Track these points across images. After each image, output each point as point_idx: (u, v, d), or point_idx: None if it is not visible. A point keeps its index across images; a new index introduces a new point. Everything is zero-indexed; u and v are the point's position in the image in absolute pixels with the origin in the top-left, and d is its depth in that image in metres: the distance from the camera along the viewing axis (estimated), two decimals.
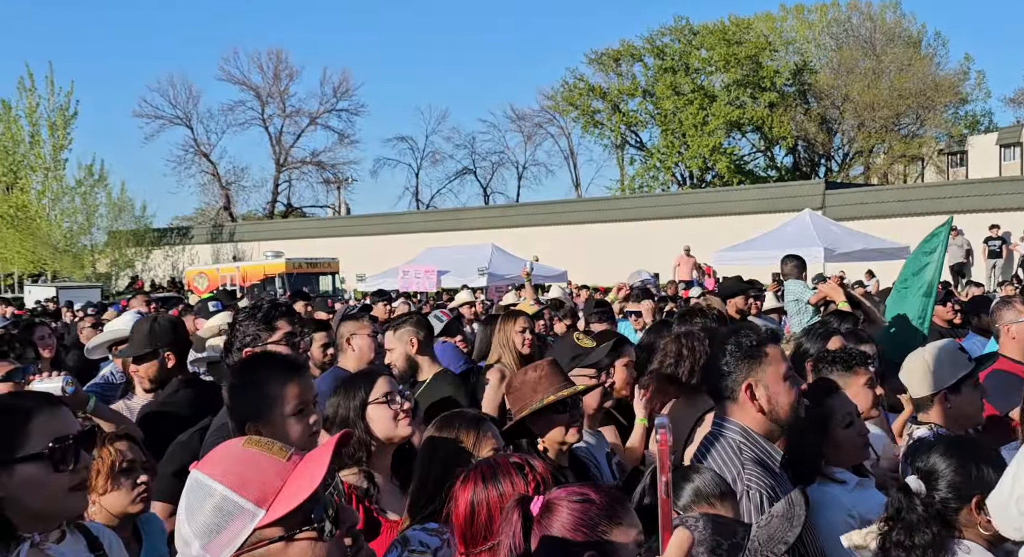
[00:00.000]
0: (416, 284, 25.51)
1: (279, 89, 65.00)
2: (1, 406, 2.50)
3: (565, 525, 2.08)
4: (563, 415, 3.61)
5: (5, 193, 42.78)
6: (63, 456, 2.41)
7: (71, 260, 42.51)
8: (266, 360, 3.37)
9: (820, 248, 19.84)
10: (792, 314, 9.22)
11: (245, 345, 4.22)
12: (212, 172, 64.46)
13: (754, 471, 3.09)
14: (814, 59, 56.46)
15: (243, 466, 1.79)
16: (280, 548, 1.75)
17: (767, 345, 3.27)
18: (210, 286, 33.24)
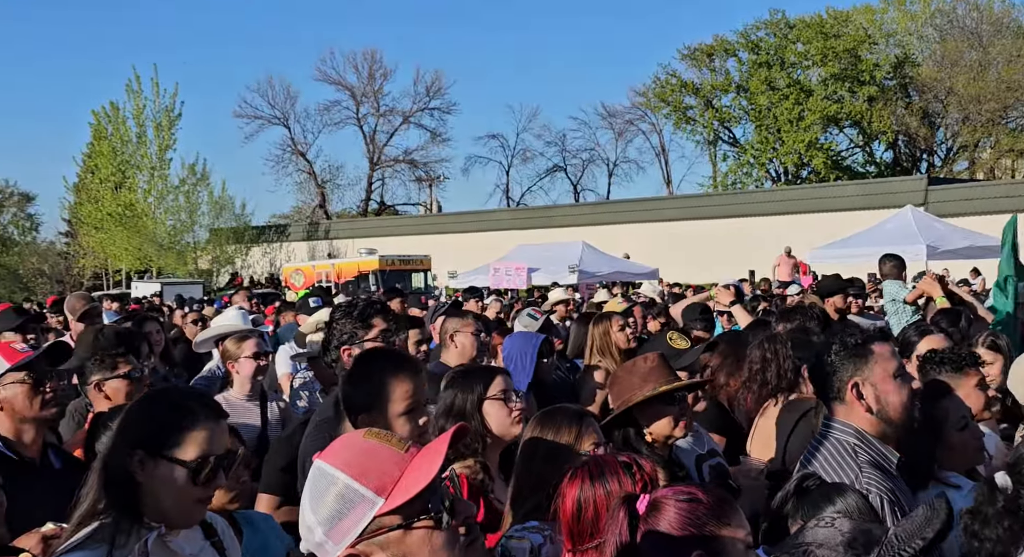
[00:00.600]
0: (507, 281, 25.57)
1: (373, 89, 65.99)
2: (176, 403, 2.56)
3: (672, 524, 2.07)
4: (672, 407, 3.57)
5: (114, 192, 43.97)
6: (204, 472, 2.48)
7: (175, 257, 43.61)
8: (384, 357, 3.41)
9: (922, 246, 19.32)
10: (890, 315, 8.97)
11: (342, 343, 4.27)
12: (308, 171, 65.65)
13: (872, 474, 3.00)
14: (916, 51, 54.93)
15: (364, 456, 1.85)
16: (399, 536, 1.80)
17: (874, 343, 3.19)
18: (306, 282, 33.84)
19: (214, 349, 6.87)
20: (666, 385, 3.55)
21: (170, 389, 2.81)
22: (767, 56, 54.42)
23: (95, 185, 45.07)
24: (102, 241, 44.74)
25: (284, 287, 34.82)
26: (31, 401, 3.72)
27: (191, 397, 2.63)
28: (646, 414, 3.57)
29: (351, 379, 3.32)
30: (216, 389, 5.87)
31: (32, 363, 3.78)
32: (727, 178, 57.99)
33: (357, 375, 3.31)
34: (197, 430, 2.49)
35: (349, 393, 3.29)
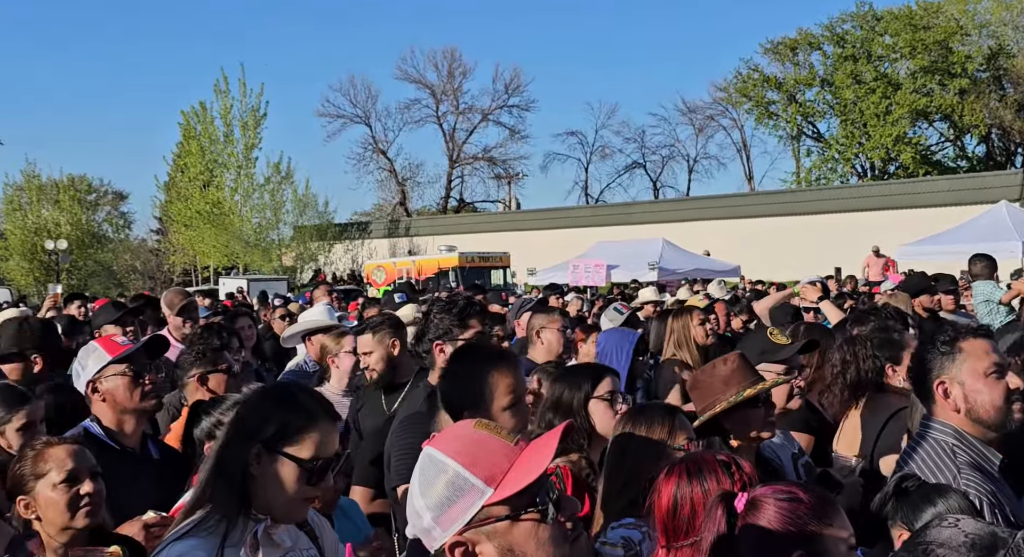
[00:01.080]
0: (586, 278, 25.52)
1: (453, 87, 66.36)
2: (298, 402, 2.60)
3: (772, 522, 2.04)
4: (758, 409, 3.52)
5: (202, 190, 44.83)
6: (314, 473, 2.52)
7: (260, 254, 44.21)
8: (484, 353, 3.43)
9: (1018, 242, 18.78)
10: (982, 316, 8.74)
11: (437, 337, 4.33)
12: (389, 169, 66.32)
13: (972, 476, 2.92)
14: (1011, 42, 53.17)
15: (475, 446, 1.87)
16: (506, 527, 1.82)
17: (964, 340, 3.10)
18: (388, 279, 34.15)
19: (300, 344, 7.03)
20: (750, 388, 3.49)
21: (291, 386, 2.84)
22: (853, 49, 53.26)
23: (184, 183, 46.10)
24: (191, 238, 45.72)
25: (366, 284, 35.19)
26: (131, 392, 3.83)
27: (312, 397, 2.66)
28: (731, 418, 3.53)
29: (453, 377, 3.32)
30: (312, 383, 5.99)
31: (132, 356, 3.90)
32: (811, 174, 56.97)
33: (459, 372, 3.30)
34: (315, 431, 2.53)
35: (450, 390, 3.30)
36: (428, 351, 4.39)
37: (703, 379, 3.64)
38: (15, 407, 3.99)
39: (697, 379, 3.68)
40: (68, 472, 3.05)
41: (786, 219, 40.12)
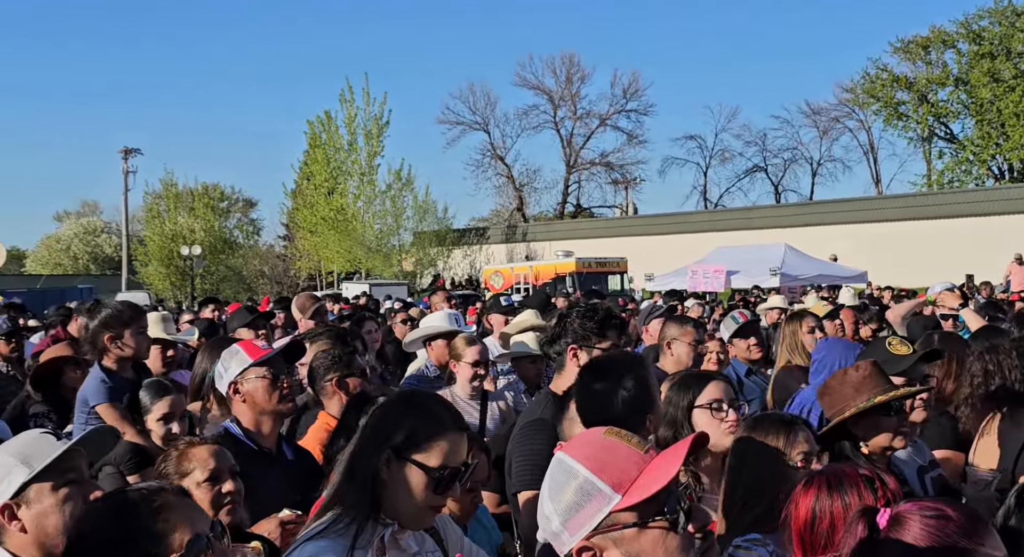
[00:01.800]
0: (705, 284, 25.23)
1: (571, 92, 66.42)
2: (429, 409, 2.65)
3: (918, 540, 1.93)
4: (890, 419, 3.43)
5: (327, 197, 45.79)
6: (442, 482, 2.55)
7: (382, 259, 44.96)
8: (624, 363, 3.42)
9: None
10: None
11: (574, 341, 4.28)
12: (507, 174, 66.71)
13: None
14: None
15: (603, 452, 1.89)
16: (634, 534, 1.82)
17: None
18: (505, 284, 34.38)
19: (421, 349, 7.15)
20: (882, 395, 3.41)
21: (422, 394, 2.90)
22: (991, 46, 50.99)
23: (310, 191, 47.09)
24: (316, 244, 46.70)
25: (484, 289, 35.42)
26: (270, 395, 3.93)
27: (442, 406, 2.69)
28: (861, 425, 3.44)
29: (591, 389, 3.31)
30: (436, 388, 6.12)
31: (271, 359, 4.01)
32: (943, 176, 54.91)
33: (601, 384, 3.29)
34: (444, 440, 2.55)
35: (588, 400, 3.30)
36: (560, 353, 4.33)
37: (834, 385, 3.58)
38: (159, 397, 4.51)
39: (828, 385, 3.60)
40: (211, 471, 3.17)
41: (916, 223, 38.83)
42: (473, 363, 5.67)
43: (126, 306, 5.52)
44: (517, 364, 6.70)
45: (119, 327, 5.25)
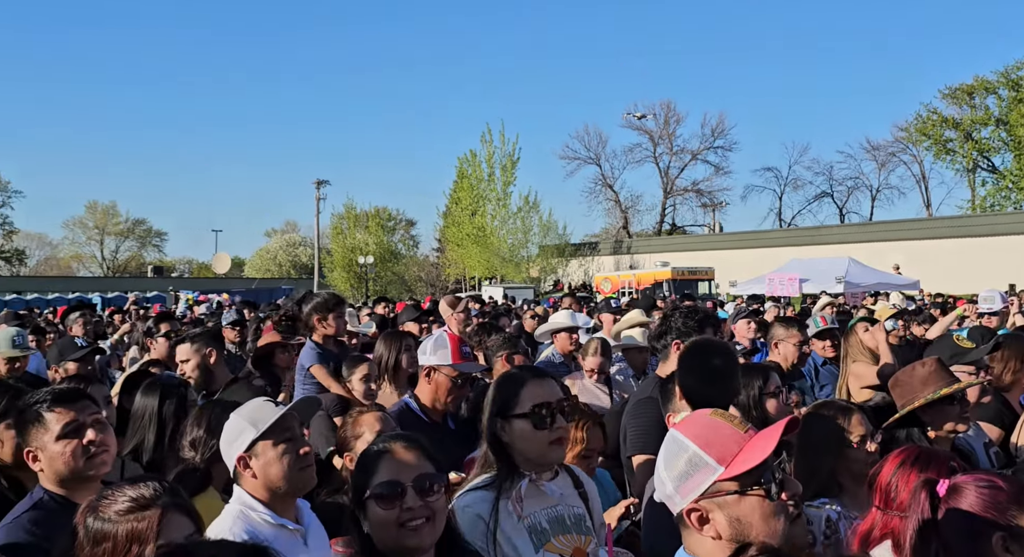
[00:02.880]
0: (780, 289, 24.50)
1: (668, 132, 65.40)
2: (510, 375, 2.71)
3: (973, 506, 1.91)
4: (953, 407, 3.30)
5: (470, 218, 46.30)
6: (542, 418, 2.55)
7: (513, 267, 45.06)
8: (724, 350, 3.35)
9: None
10: None
11: (678, 336, 4.21)
12: (614, 199, 66.13)
13: None
14: None
15: (710, 430, 1.86)
16: (735, 500, 1.79)
17: None
18: (613, 288, 34.09)
19: (551, 339, 7.14)
20: (946, 388, 3.28)
21: (509, 371, 2.96)
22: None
23: (457, 212, 47.56)
24: (462, 255, 47.15)
25: (595, 292, 35.26)
26: (457, 391, 3.95)
27: (523, 369, 2.75)
28: (929, 413, 3.31)
29: (698, 373, 3.21)
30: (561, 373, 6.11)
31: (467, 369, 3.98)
32: (985, 201, 51.94)
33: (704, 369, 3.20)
34: (526, 388, 2.58)
35: (695, 384, 3.20)
36: (666, 346, 4.25)
37: (904, 379, 3.45)
38: (359, 363, 4.69)
39: (898, 379, 3.48)
40: (377, 433, 3.21)
41: (962, 240, 36.83)
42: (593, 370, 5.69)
43: (331, 295, 5.70)
44: (627, 353, 6.65)
45: (325, 311, 5.44)
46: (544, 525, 2.55)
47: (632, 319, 7.06)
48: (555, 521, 2.58)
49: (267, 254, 75.52)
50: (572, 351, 6.51)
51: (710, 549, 1.82)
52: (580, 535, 2.61)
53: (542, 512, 2.57)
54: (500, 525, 2.47)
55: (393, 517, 2.17)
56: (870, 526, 2.27)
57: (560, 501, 2.63)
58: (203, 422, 3.15)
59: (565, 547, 2.56)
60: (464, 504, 2.50)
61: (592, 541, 2.64)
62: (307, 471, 2.65)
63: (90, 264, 78.13)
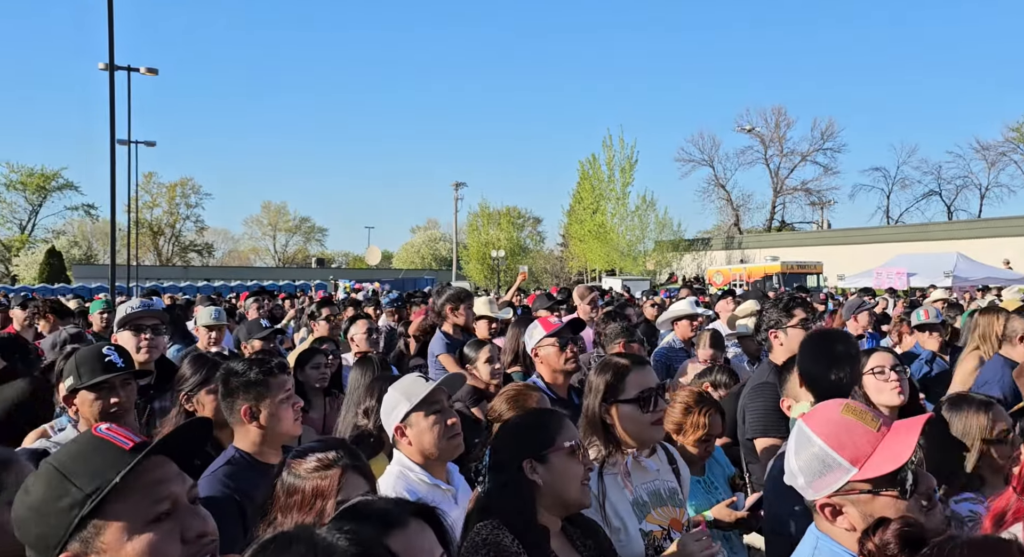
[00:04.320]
0: (887, 283, 23.18)
1: (778, 135, 62.84)
2: (611, 364, 2.69)
3: None
4: None
5: (591, 216, 45.99)
6: (646, 402, 2.56)
7: (631, 261, 44.47)
8: (845, 337, 3.20)
9: None
10: None
11: (770, 327, 4.07)
12: (726, 198, 64.22)
13: None
14: None
15: (840, 429, 1.73)
16: (868, 498, 1.69)
17: None
18: (724, 281, 33.14)
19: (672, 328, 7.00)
20: None
21: (610, 359, 2.91)
22: None
23: (580, 211, 47.43)
24: (583, 250, 46.90)
25: (707, 284, 34.41)
26: (560, 358, 3.97)
27: (625, 357, 2.73)
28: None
29: (817, 359, 3.02)
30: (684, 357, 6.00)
31: (560, 332, 4.05)
32: None
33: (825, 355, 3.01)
34: (631, 375, 2.58)
35: (817, 371, 3.01)
36: (765, 339, 4.11)
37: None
38: (481, 347, 4.75)
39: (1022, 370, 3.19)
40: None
41: None
42: (706, 360, 5.56)
43: (461, 290, 5.79)
44: (741, 341, 6.48)
45: (456, 302, 5.52)
46: (645, 498, 2.55)
47: (746, 309, 6.88)
48: (653, 494, 2.57)
49: (412, 248, 77.64)
50: (692, 337, 6.38)
51: (843, 537, 1.72)
52: (675, 507, 2.61)
53: (642, 486, 2.56)
54: (607, 497, 2.45)
55: (581, 471, 2.19)
56: (1004, 507, 2.10)
57: (657, 476, 2.62)
58: (374, 393, 3.25)
59: (662, 518, 2.54)
60: None
61: (685, 513, 2.63)
62: (455, 440, 2.70)
63: (264, 256, 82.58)
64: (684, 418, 3.39)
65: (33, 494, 1.33)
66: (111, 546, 1.29)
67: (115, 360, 3.03)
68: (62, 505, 1.29)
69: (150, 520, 1.32)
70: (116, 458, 1.32)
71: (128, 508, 1.31)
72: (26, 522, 1.32)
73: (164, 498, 1.34)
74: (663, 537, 2.49)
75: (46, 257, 52.34)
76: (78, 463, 1.33)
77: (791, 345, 3.76)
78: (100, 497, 1.29)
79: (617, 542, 2.38)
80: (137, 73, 24.53)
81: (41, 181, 64.24)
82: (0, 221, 64.78)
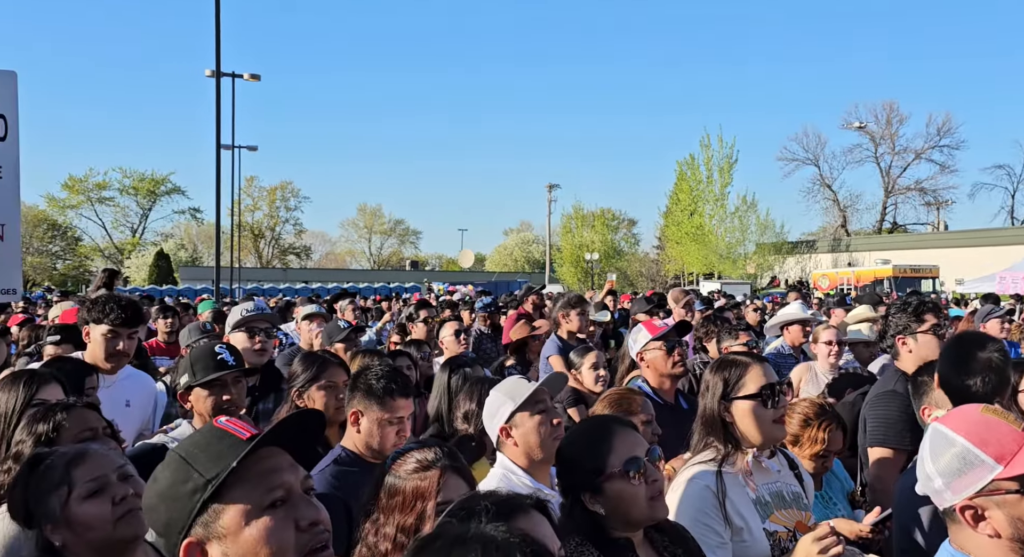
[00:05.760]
0: (1012, 287, 21.78)
1: (890, 132, 60.16)
2: (729, 360, 2.64)
3: None
4: None
5: (689, 217, 45.26)
6: (768, 397, 2.51)
7: (730, 264, 43.56)
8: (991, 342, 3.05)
9: None
10: None
11: (898, 332, 3.88)
12: (833, 198, 61.93)
13: None
14: None
15: (983, 427, 1.67)
16: (1016, 499, 1.60)
17: None
18: (831, 285, 32.05)
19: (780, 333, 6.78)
20: None
21: (729, 356, 2.83)
22: None
23: (677, 212, 46.78)
24: (680, 252, 46.26)
25: (812, 289, 33.24)
26: (666, 362, 3.93)
27: (743, 354, 2.69)
28: None
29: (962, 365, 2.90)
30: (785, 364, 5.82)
31: (667, 335, 3.99)
32: None
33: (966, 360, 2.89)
34: (751, 371, 2.54)
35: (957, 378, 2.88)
36: (891, 346, 3.92)
37: None
38: (587, 352, 4.70)
39: None
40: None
41: None
42: (828, 343, 5.38)
43: (574, 295, 5.87)
44: (853, 347, 6.21)
45: (567, 308, 5.61)
46: (767, 498, 2.49)
47: (859, 314, 6.59)
48: (776, 496, 2.52)
49: (505, 250, 78.29)
50: (803, 343, 6.16)
51: (986, 546, 1.63)
52: (800, 510, 2.53)
53: (764, 486, 2.51)
54: (727, 495, 2.41)
55: (643, 491, 2.11)
56: None
57: (779, 478, 2.57)
58: (474, 397, 3.28)
59: (787, 520, 2.47)
60: (691, 477, 2.48)
61: (811, 517, 2.55)
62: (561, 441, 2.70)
63: (360, 258, 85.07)
64: (802, 431, 3.26)
65: (161, 481, 1.42)
66: (230, 530, 1.36)
67: (227, 358, 3.18)
68: (185, 490, 1.38)
69: (266, 506, 1.38)
70: (234, 446, 1.40)
71: (245, 494, 1.37)
72: (155, 509, 1.41)
73: (278, 486, 1.40)
74: (788, 538, 2.42)
75: (155, 259, 55.58)
76: (200, 451, 1.41)
77: (921, 352, 3.61)
78: (219, 481, 1.36)
79: (740, 542, 2.36)
80: (241, 79, 25.74)
81: (151, 185, 68.30)
82: (114, 224, 69.32)
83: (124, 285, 50.79)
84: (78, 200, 66.14)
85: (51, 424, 2.41)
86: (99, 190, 66.97)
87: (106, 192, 67.39)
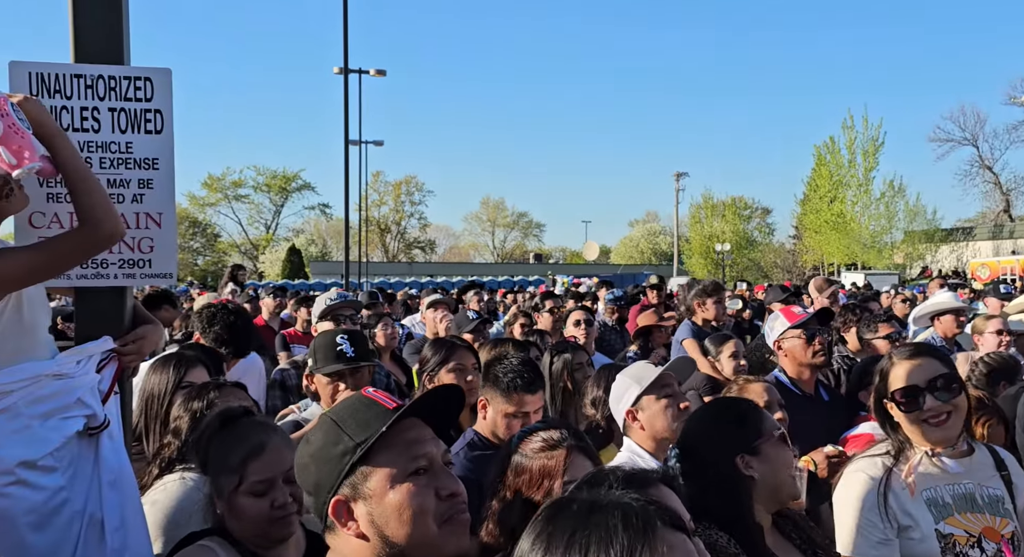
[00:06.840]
0: None
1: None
2: (879, 356, 2.58)
3: None
4: None
5: (829, 205, 43.44)
6: (908, 400, 2.40)
7: (875, 253, 41.57)
8: None
9: None
10: None
11: None
12: (994, 181, 57.38)
13: None
14: None
15: None
16: None
17: None
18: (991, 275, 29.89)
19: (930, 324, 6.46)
20: None
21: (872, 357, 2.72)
22: None
23: (815, 200, 45.00)
24: (819, 242, 44.49)
25: (970, 279, 31.08)
26: (805, 350, 3.83)
27: (898, 349, 2.54)
28: None
29: None
30: None
31: (806, 323, 3.89)
32: None
33: None
34: (895, 369, 2.44)
35: None
36: None
37: None
38: (725, 341, 4.70)
39: None
40: (765, 402, 3.09)
41: None
42: (997, 332, 5.22)
43: (711, 282, 5.84)
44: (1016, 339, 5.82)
45: (704, 296, 5.62)
46: (947, 500, 2.37)
47: (1020, 304, 6.18)
48: (960, 498, 2.38)
49: (630, 242, 77.60)
50: (957, 335, 5.84)
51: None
52: (994, 516, 2.37)
53: (945, 487, 2.39)
54: (892, 491, 2.36)
55: (791, 458, 2.19)
56: None
57: (966, 479, 2.42)
58: (601, 383, 3.34)
59: (972, 525, 2.35)
60: (857, 468, 2.44)
61: (1010, 524, 2.37)
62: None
63: (484, 252, 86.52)
64: None
65: (313, 443, 1.54)
66: (376, 492, 1.46)
67: (346, 349, 3.26)
68: (336, 452, 1.49)
69: (410, 473, 1.47)
70: (382, 414, 1.51)
71: (391, 460, 1.47)
72: (307, 468, 1.53)
73: (421, 455, 1.49)
74: (968, 544, 2.32)
75: (287, 255, 58.73)
76: (350, 416, 1.53)
77: None
78: (368, 446, 1.46)
79: (907, 540, 2.32)
80: (367, 75, 26.75)
81: (283, 183, 72.09)
82: (249, 221, 73.61)
83: (259, 279, 53.98)
84: (216, 198, 70.65)
85: (205, 401, 2.64)
86: (235, 188, 71.26)
87: (241, 190, 71.66)
